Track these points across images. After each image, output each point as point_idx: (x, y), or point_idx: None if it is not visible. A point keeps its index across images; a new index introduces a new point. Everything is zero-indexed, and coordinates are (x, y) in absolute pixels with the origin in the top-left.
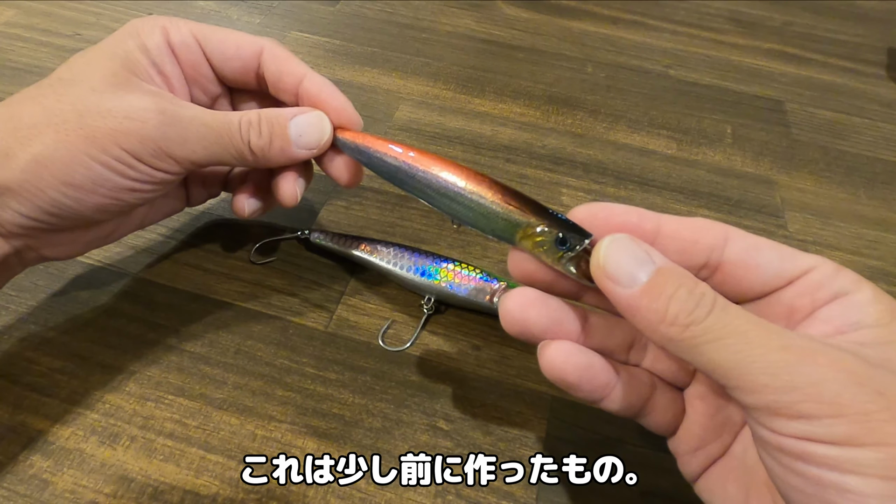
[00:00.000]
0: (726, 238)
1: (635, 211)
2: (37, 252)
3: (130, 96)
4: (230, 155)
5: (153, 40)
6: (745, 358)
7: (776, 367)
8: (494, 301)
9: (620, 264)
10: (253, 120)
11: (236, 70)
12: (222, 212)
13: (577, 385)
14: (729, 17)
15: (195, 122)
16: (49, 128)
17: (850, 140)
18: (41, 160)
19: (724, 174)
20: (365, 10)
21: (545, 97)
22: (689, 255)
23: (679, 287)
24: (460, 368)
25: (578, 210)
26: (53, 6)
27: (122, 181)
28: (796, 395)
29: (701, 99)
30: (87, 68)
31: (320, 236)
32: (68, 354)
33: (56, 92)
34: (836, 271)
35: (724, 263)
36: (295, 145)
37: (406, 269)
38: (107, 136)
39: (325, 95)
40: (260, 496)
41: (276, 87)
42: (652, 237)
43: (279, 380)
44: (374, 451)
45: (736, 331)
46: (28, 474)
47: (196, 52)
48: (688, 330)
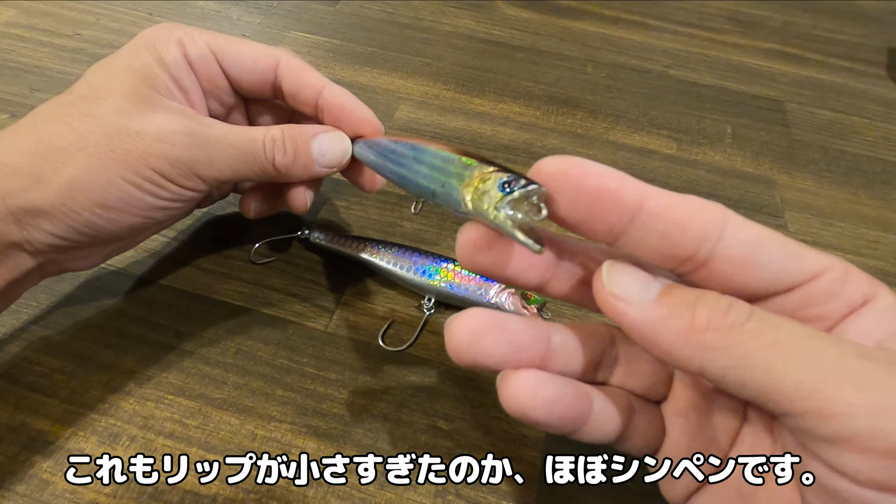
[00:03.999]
0: (723, 226)
1: (616, 176)
2: (59, 265)
3: (157, 117)
4: (254, 172)
5: (171, 54)
6: (820, 368)
7: (864, 381)
8: (494, 301)
9: (626, 280)
10: (277, 137)
11: (253, 83)
12: (222, 212)
13: (547, 422)
14: (729, 17)
15: (222, 142)
16: (81, 151)
17: (850, 140)
18: (75, 184)
19: (724, 174)
20: (365, 10)
21: (545, 97)
22: (673, 242)
23: (702, 294)
24: (460, 368)
25: (546, 162)
26: (53, 6)
27: (154, 201)
28: (883, 424)
29: (701, 99)
30: (107, 85)
31: (320, 236)
32: (68, 354)
33: (81, 112)
34: (847, 273)
35: (716, 258)
36: (317, 164)
37: (406, 269)
38: (138, 159)
39: (348, 106)
40: (260, 496)
41: (295, 99)
42: (631, 211)
43: (279, 380)
44: (374, 451)
45: (799, 336)
46: (28, 474)
47: (213, 65)
48: (730, 334)
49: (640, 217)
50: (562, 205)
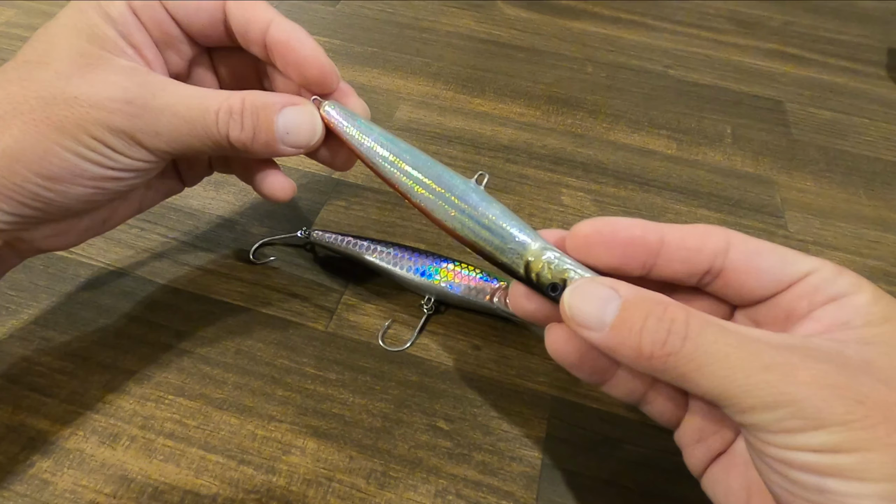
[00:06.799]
0: (728, 243)
1: (639, 224)
2: (31, 244)
3: (99, 80)
4: (208, 147)
5: (116, 7)
6: (730, 384)
7: (759, 390)
8: (494, 301)
9: (585, 310)
10: (235, 109)
11: (204, 25)
12: (222, 212)
13: (579, 366)
14: (729, 17)
15: (166, 112)
16: (15, 118)
17: (850, 140)
18: (12, 154)
19: (724, 174)
20: (365, 10)
21: (545, 97)
22: (692, 263)
23: (647, 317)
24: (460, 368)
25: (582, 226)
26: (53, 6)
27: (100, 170)
28: (780, 413)
29: (701, 99)
30: (51, 48)
31: (320, 236)
32: (68, 354)
33: (21, 77)
34: (837, 274)
35: (727, 269)
36: (281, 142)
37: (406, 269)
38: (75, 126)
39: (294, 43)
40: (260, 496)
41: (245, 38)
42: (656, 248)
43: (279, 380)
44: (374, 451)
45: (717, 355)
46: (28, 474)
47: (159, 11)
48: (668, 360)
49: (663, 251)
50: (602, 257)
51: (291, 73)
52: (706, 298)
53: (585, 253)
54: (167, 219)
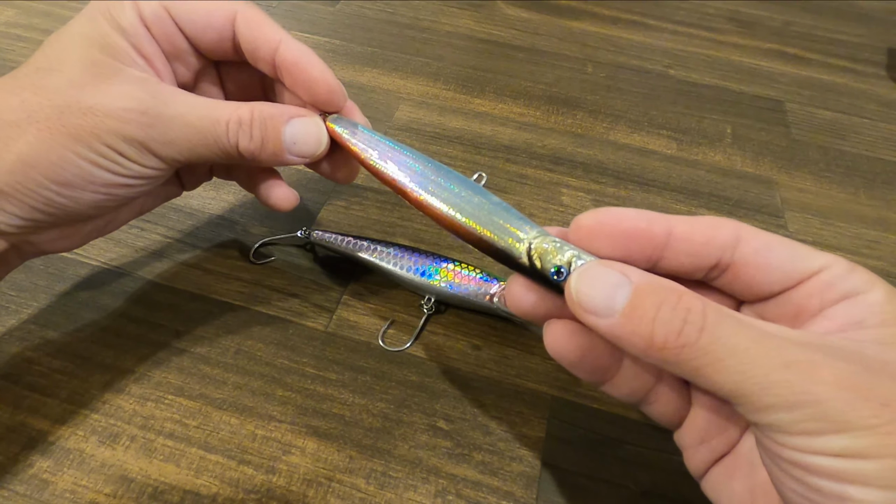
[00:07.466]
0: (738, 237)
1: (644, 215)
2: (35, 246)
3: (113, 90)
4: (216, 156)
5: (127, 18)
6: (748, 380)
7: (780, 388)
8: (494, 301)
9: (593, 295)
10: (244, 119)
11: (212, 40)
12: (222, 212)
13: (579, 364)
14: (729, 17)
15: (178, 122)
16: (31, 126)
17: (850, 140)
18: (27, 160)
19: (724, 174)
20: (365, 10)
21: (545, 97)
22: (700, 257)
23: (661, 305)
24: (460, 368)
25: (584, 217)
26: (53, 6)
27: (113, 178)
28: (800, 413)
29: (701, 99)
30: (64, 56)
31: (320, 236)
32: (68, 354)
33: (34, 84)
34: (849, 271)
35: (736, 263)
36: (288, 152)
37: (406, 269)
38: (90, 135)
39: (304, 65)
40: (260, 496)
41: (254, 56)
42: (663, 241)
43: (279, 380)
44: (374, 451)
45: (735, 349)
46: (28, 474)
47: (169, 24)
48: (682, 352)
49: (672, 244)
50: (605, 250)
51: (300, 91)
52: (712, 293)
53: (587, 246)
54: (167, 219)
